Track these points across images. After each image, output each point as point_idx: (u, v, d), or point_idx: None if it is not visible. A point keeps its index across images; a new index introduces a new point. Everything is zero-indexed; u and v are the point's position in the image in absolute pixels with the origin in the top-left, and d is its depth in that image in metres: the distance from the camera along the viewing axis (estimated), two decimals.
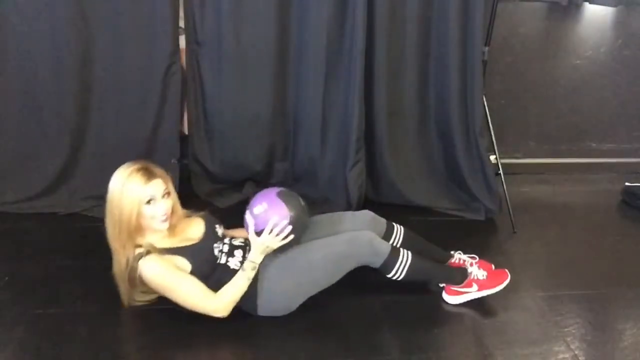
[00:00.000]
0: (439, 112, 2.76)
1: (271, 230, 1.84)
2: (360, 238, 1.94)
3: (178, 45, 2.50)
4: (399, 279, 1.95)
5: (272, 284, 1.88)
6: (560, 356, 1.86)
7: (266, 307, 1.90)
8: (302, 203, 1.93)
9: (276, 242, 1.86)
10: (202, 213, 2.06)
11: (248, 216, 1.90)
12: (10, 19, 2.40)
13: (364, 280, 1.91)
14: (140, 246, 1.85)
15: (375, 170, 2.79)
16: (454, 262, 2.20)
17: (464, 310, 2.03)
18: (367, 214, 2.15)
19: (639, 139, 3.38)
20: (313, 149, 2.76)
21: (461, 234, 2.60)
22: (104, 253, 2.29)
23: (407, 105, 2.74)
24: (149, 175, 1.83)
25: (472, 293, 2.03)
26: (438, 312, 2.03)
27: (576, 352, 1.88)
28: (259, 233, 1.86)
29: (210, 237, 1.95)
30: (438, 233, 2.58)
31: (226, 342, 1.85)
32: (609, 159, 3.38)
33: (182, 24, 2.52)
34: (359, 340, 1.88)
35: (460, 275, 2.05)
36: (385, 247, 1.94)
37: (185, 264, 1.84)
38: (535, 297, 2.16)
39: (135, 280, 1.83)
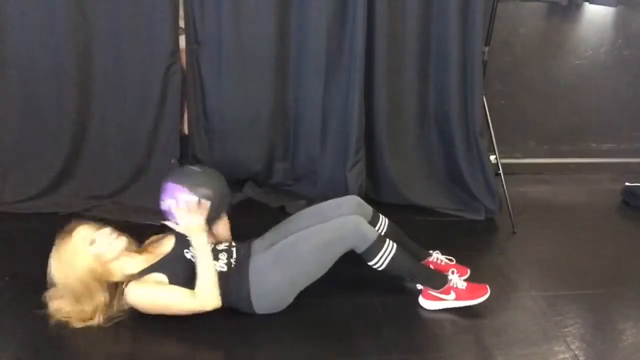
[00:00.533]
0: (439, 112, 2.76)
1: (182, 213, 1.90)
2: (347, 222, 1.93)
3: (178, 45, 2.50)
4: (379, 268, 1.93)
5: (263, 280, 1.89)
6: (560, 356, 1.86)
7: (262, 304, 1.91)
8: (198, 169, 2.05)
9: (197, 217, 1.91)
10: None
11: (166, 217, 1.98)
12: (11, 19, 2.40)
13: (364, 281, 1.91)
14: (117, 283, 1.90)
15: (375, 170, 2.80)
16: (432, 261, 2.21)
17: (463, 310, 2.03)
18: (353, 199, 2.14)
19: (639, 139, 3.38)
20: (313, 149, 2.76)
21: (461, 234, 2.60)
22: None
23: (407, 105, 2.74)
24: (67, 232, 1.88)
25: (449, 301, 2.01)
26: (438, 312, 2.02)
27: (576, 352, 1.88)
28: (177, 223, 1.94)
29: (180, 245, 1.97)
30: (438, 233, 2.59)
31: (226, 342, 1.84)
32: (609, 159, 3.38)
33: (182, 24, 2.52)
34: (359, 340, 1.88)
35: (440, 280, 2.02)
36: (372, 233, 1.92)
37: (162, 277, 1.86)
38: (535, 297, 2.16)
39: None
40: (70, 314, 1.84)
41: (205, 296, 1.85)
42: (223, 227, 2.16)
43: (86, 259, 1.84)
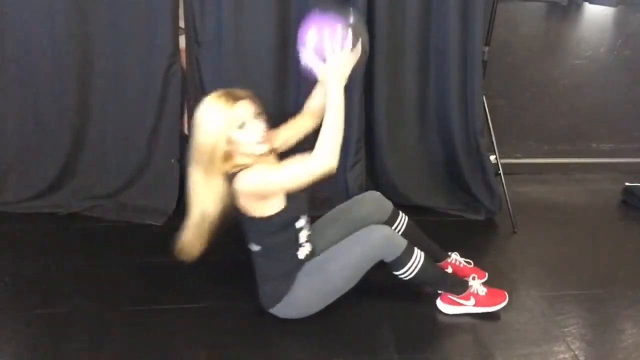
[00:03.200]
0: (439, 112, 2.76)
1: (334, 48, 1.65)
2: (373, 234, 1.88)
3: (178, 45, 2.50)
4: (406, 278, 1.90)
5: (295, 290, 1.86)
6: (560, 356, 1.86)
7: (285, 310, 1.89)
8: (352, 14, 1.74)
9: (348, 57, 1.68)
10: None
11: (305, 54, 1.71)
12: (10, 19, 2.40)
13: (364, 281, 1.91)
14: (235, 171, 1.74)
15: (375, 170, 2.79)
16: (451, 263, 2.20)
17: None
18: (373, 195, 2.12)
19: (639, 139, 3.38)
20: (313, 149, 2.75)
21: (461, 234, 2.60)
22: (104, 253, 2.31)
23: (407, 105, 2.74)
24: (234, 98, 1.72)
25: (468, 307, 2.00)
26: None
27: (576, 352, 1.88)
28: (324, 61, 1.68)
29: (305, 191, 1.81)
30: (438, 233, 2.58)
31: (226, 342, 1.84)
32: (609, 159, 3.38)
33: (182, 24, 2.52)
34: (359, 340, 1.88)
35: (461, 286, 2.01)
36: (401, 242, 1.88)
37: (278, 203, 1.76)
38: (535, 297, 2.16)
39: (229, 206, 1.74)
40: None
41: (323, 154, 1.64)
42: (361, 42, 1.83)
43: (222, 134, 1.70)
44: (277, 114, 2.69)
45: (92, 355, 1.75)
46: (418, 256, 1.90)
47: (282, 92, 2.68)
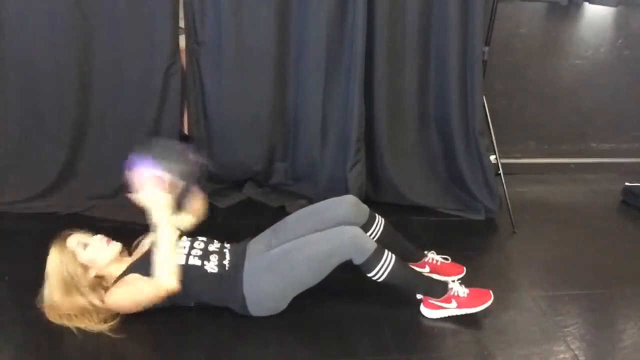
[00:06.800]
0: (439, 112, 2.76)
1: (145, 185, 1.85)
2: (344, 234, 1.89)
3: (178, 45, 2.50)
4: (379, 280, 1.90)
5: (256, 285, 1.88)
6: (560, 356, 1.86)
7: (256, 307, 1.90)
8: (165, 144, 1.98)
9: (159, 192, 1.85)
10: None
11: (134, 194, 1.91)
12: (11, 19, 2.39)
13: (364, 281, 1.91)
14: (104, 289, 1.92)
15: (375, 170, 2.79)
16: (427, 262, 2.20)
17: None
18: (349, 198, 2.10)
19: (639, 139, 3.38)
20: (313, 149, 2.76)
21: (461, 234, 2.60)
22: None
23: (407, 106, 2.74)
24: (63, 239, 1.90)
25: (451, 309, 1.98)
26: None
27: (576, 352, 1.88)
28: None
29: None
30: (438, 233, 2.59)
31: (225, 342, 1.84)
32: (609, 159, 3.38)
33: (182, 24, 2.52)
34: (359, 340, 1.88)
35: (440, 289, 1.99)
36: (369, 245, 1.89)
37: (137, 276, 1.86)
38: (535, 297, 2.16)
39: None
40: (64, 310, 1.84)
41: (160, 275, 1.81)
42: (197, 202, 2.14)
43: (76, 263, 1.86)
44: (277, 113, 2.71)
45: (92, 356, 1.75)
46: (388, 258, 1.90)
47: (281, 92, 2.68)
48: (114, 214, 2.55)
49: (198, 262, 1.92)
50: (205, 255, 1.95)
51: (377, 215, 2.15)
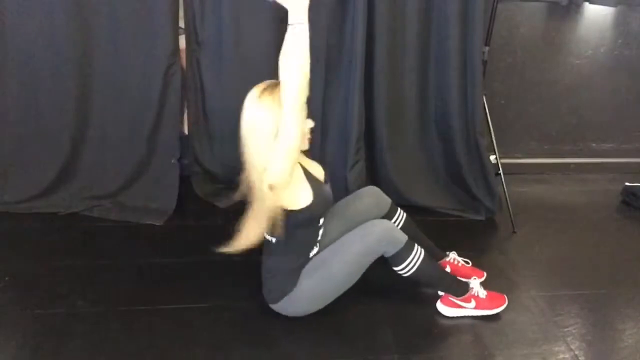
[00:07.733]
0: (439, 112, 2.76)
1: None
2: (376, 229, 1.87)
3: (178, 45, 2.50)
4: (406, 274, 1.89)
5: (302, 284, 1.86)
6: (560, 356, 1.86)
7: (288, 305, 1.88)
8: None
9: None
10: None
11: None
12: (10, 19, 2.40)
13: (364, 281, 1.91)
14: None
15: (375, 171, 2.79)
16: (449, 262, 2.20)
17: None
18: (372, 189, 2.11)
19: (639, 139, 3.38)
20: (313, 149, 2.75)
21: (461, 234, 2.60)
22: (104, 253, 2.31)
23: (407, 106, 2.74)
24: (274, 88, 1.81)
25: (469, 309, 1.99)
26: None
27: (576, 352, 1.88)
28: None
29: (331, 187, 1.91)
30: (438, 233, 2.58)
31: (226, 342, 1.84)
32: (609, 159, 3.39)
33: (182, 24, 2.52)
34: (359, 340, 1.88)
35: (462, 288, 2.00)
36: (402, 237, 1.88)
37: (307, 197, 1.79)
38: (535, 297, 2.16)
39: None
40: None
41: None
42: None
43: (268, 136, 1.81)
44: None
45: (92, 355, 1.75)
46: (418, 252, 1.89)
47: None
48: (114, 214, 2.55)
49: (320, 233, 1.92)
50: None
51: (398, 207, 2.13)
